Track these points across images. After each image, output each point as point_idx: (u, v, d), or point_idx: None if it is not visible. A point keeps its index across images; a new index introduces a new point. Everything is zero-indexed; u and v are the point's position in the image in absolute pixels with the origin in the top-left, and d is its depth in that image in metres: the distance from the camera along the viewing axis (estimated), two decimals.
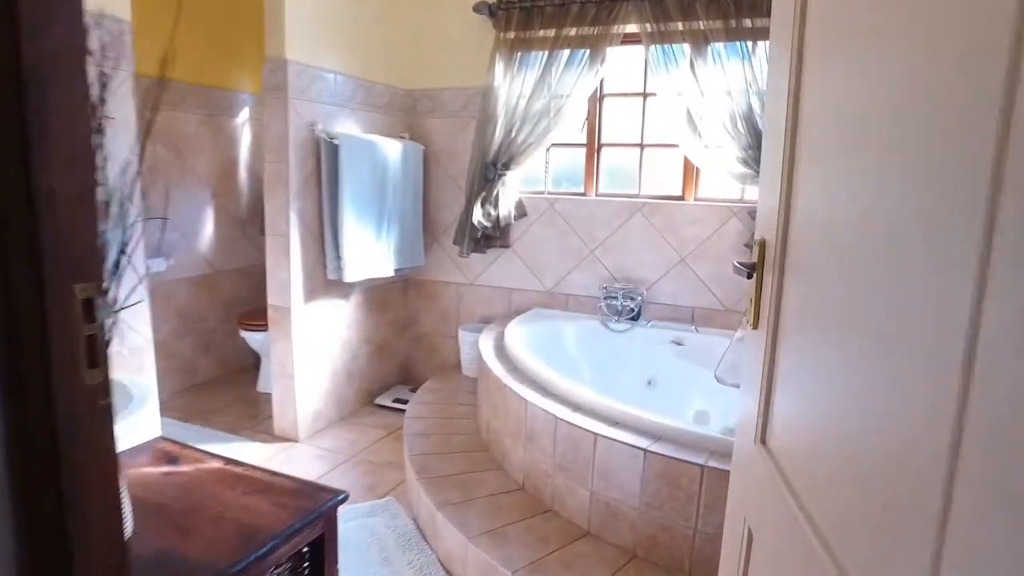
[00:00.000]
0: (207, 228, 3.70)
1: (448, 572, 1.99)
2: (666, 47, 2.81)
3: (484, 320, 3.50)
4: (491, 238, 3.31)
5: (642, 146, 3.14)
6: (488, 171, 3.18)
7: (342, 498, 0.98)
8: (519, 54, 3.09)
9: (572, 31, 2.97)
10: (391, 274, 3.24)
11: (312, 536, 0.95)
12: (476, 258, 3.45)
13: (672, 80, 2.82)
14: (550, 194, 3.33)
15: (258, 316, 3.30)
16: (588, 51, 2.96)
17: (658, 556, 1.78)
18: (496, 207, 3.21)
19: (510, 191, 3.24)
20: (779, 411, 0.92)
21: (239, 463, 1.04)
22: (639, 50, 3.00)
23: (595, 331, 3.06)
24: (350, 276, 2.95)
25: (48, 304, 0.49)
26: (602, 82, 3.13)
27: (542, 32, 3.03)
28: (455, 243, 3.33)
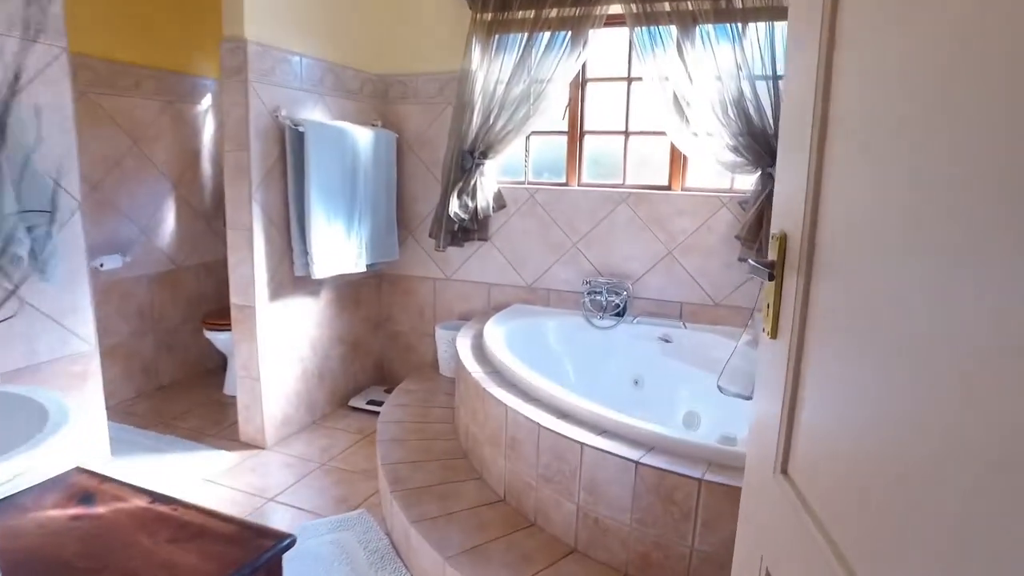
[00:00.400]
0: (168, 222, 3.49)
1: None
2: (652, 29, 2.67)
3: (462, 317, 3.34)
4: (469, 231, 3.15)
5: (627, 134, 2.99)
6: (465, 160, 3.01)
7: (287, 544, 0.82)
8: (497, 37, 2.93)
9: (552, 12, 2.81)
10: (363, 269, 3.06)
11: None
12: (453, 252, 3.29)
13: (658, 64, 2.68)
14: (530, 184, 3.17)
15: (223, 315, 3.11)
16: (569, 33, 2.80)
17: None
18: (473, 198, 3.05)
19: (488, 181, 3.08)
20: (805, 436, 0.78)
21: (168, 500, 0.88)
22: (623, 32, 2.86)
23: (578, 328, 2.92)
24: (319, 272, 2.77)
25: None
26: (584, 66, 2.98)
27: (521, 13, 2.87)
28: (431, 236, 3.17)
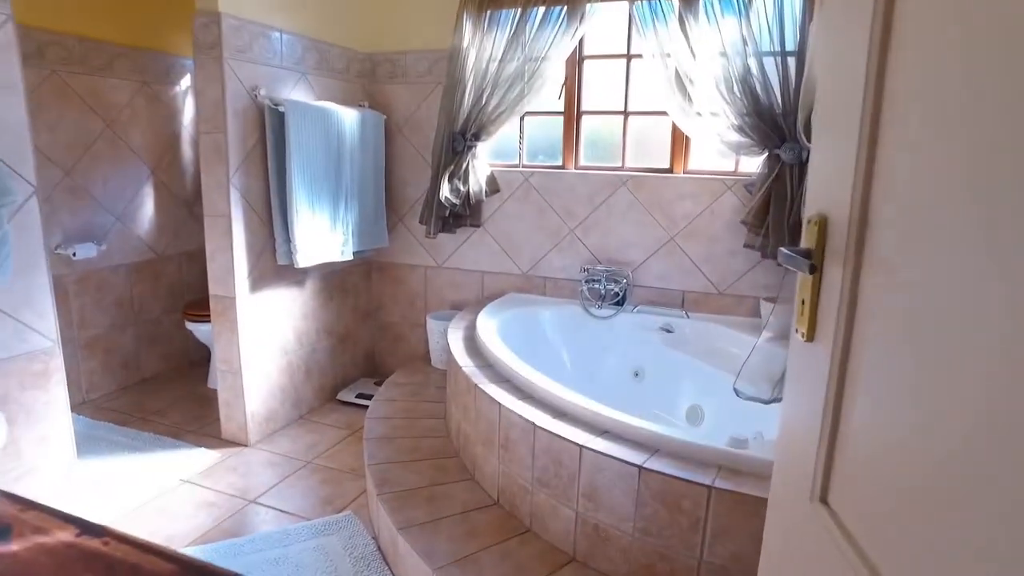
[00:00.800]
0: (146, 209, 3.33)
1: None
2: (653, 3, 2.52)
3: (455, 306, 3.21)
4: (460, 216, 3.00)
5: (626, 114, 2.84)
6: (456, 142, 2.86)
7: None
8: (488, 12, 2.77)
9: None
10: (350, 258, 2.92)
11: None
12: (444, 238, 3.15)
13: (660, 40, 2.52)
14: (525, 167, 3.03)
15: (205, 306, 2.96)
16: (565, 8, 2.65)
17: None
18: (465, 182, 2.91)
19: (481, 164, 2.93)
20: (852, 459, 0.65)
21: (98, 531, 0.74)
22: (622, 7, 2.71)
23: (576, 318, 2.79)
24: (303, 261, 2.63)
25: None
26: (581, 43, 2.82)
27: None
28: (421, 222, 3.03)
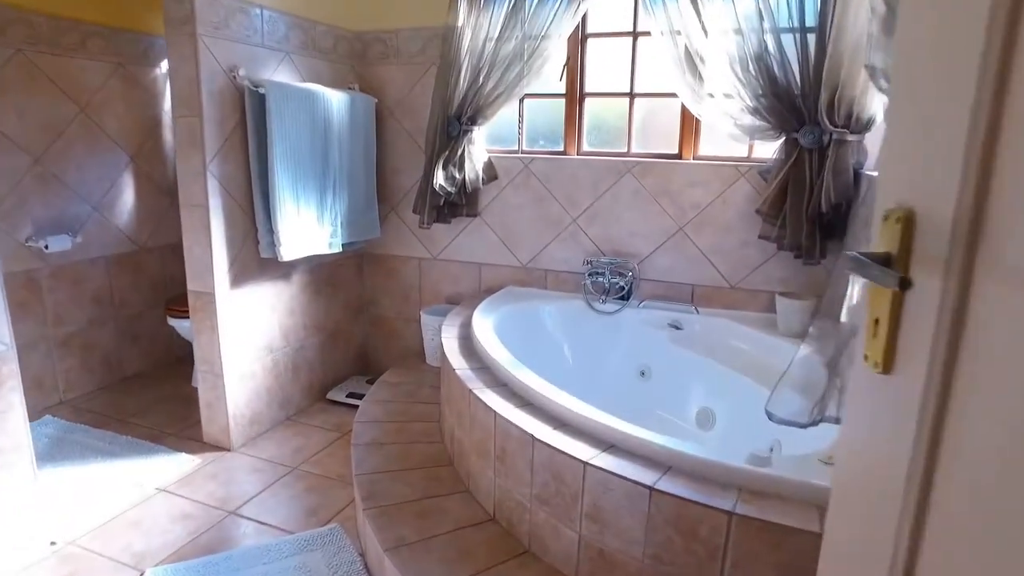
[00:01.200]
0: (126, 198, 3.16)
1: None
2: None
3: (451, 300, 3.05)
4: (456, 205, 2.84)
5: (632, 96, 2.66)
6: (451, 126, 2.69)
7: None
8: None
9: None
10: (339, 250, 2.75)
11: None
12: (440, 229, 2.98)
13: (669, 16, 2.34)
14: (525, 153, 2.85)
15: (187, 301, 2.80)
16: None
17: None
18: (461, 169, 2.73)
19: (477, 150, 2.76)
20: (950, 531, 0.49)
21: None
22: None
23: (579, 313, 2.63)
24: (287, 254, 2.47)
25: None
26: (584, 19, 2.64)
27: None
28: (415, 212, 2.86)
